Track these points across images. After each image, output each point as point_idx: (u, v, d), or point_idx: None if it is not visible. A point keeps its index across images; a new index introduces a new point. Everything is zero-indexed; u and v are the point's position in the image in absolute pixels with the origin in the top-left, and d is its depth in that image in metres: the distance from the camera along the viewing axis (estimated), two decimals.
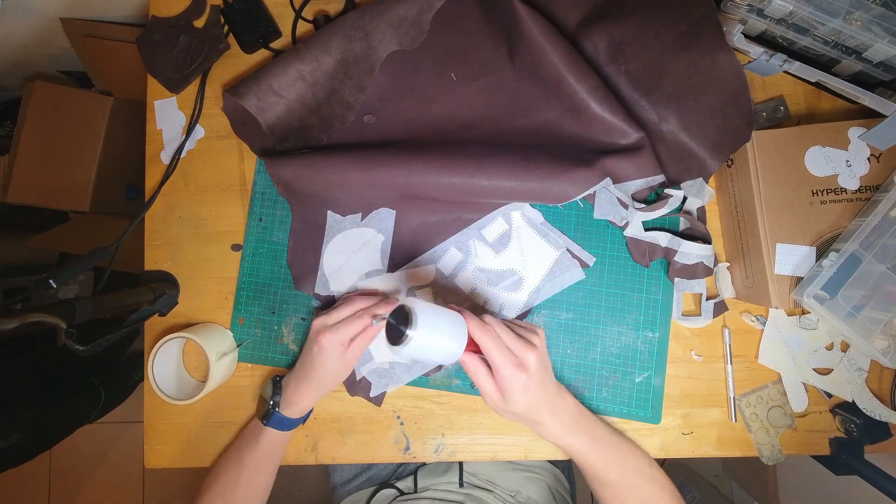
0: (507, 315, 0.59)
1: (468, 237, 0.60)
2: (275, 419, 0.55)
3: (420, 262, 0.60)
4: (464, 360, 0.46)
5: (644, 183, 0.56)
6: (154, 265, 0.63)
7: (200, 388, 0.57)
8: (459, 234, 0.60)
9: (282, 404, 0.55)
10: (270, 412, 0.55)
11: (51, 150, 0.95)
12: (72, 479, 1.42)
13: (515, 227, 0.59)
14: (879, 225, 0.48)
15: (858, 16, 0.47)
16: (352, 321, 0.52)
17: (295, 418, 0.55)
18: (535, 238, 0.59)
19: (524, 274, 0.59)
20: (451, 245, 0.60)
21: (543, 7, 0.57)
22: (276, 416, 0.55)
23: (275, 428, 0.55)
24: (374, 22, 0.58)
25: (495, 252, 0.59)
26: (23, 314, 0.40)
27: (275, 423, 0.55)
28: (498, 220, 0.59)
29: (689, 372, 0.58)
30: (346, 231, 0.60)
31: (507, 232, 0.59)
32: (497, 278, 0.59)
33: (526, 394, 0.45)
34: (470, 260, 0.60)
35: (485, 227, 0.60)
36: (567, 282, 0.59)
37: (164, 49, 0.64)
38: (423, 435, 0.60)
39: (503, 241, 0.59)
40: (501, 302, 0.59)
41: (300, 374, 0.55)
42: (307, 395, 0.54)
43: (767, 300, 0.51)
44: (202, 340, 0.56)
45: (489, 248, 0.59)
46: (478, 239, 0.60)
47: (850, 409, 0.56)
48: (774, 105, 0.58)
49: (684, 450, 0.58)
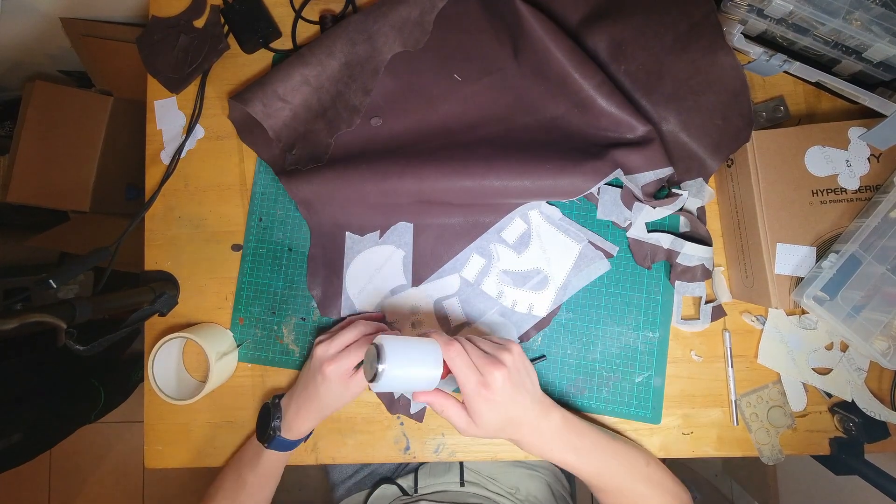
0: (537, 315, 0.58)
1: (488, 241, 0.59)
2: (276, 442, 0.54)
3: (444, 273, 0.60)
4: (428, 401, 0.45)
5: (654, 175, 0.55)
6: (154, 265, 0.63)
7: (200, 387, 0.57)
8: (479, 240, 0.59)
9: (282, 428, 0.54)
10: (272, 436, 0.54)
11: (51, 150, 0.95)
12: (72, 479, 1.42)
13: (534, 225, 0.59)
14: (879, 226, 0.48)
15: (858, 16, 0.47)
16: (355, 349, 0.51)
17: (296, 440, 0.55)
18: (555, 234, 0.59)
19: (549, 271, 0.59)
20: (472, 252, 0.59)
21: (544, 6, 0.57)
22: (278, 439, 0.54)
23: (277, 450, 0.55)
24: (378, 24, 0.58)
25: (517, 253, 0.59)
26: (23, 314, 0.40)
27: (276, 445, 0.55)
28: (516, 221, 0.59)
29: (689, 372, 0.58)
30: (366, 251, 0.60)
31: (527, 231, 0.59)
32: (523, 279, 0.59)
33: (493, 412, 0.44)
34: (493, 264, 0.59)
35: (504, 229, 0.59)
36: (594, 274, 0.58)
37: (164, 49, 0.64)
38: (423, 435, 0.60)
39: (524, 241, 0.59)
40: (531, 302, 0.59)
41: (302, 397, 0.54)
42: (308, 419, 0.54)
43: (767, 300, 0.51)
44: (202, 340, 0.56)
45: (511, 250, 0.59)
46: (498, 242, 0.59)
47: (848, 408, 0.56)
48: (774, 105, 0.58)
49: (684, 450, 0.58)
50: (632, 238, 0.58)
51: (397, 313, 0.60)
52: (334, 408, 0.54)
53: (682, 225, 0.59)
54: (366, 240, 0.60)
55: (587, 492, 0.56)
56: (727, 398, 0.58)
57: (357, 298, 0.60)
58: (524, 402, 0.46)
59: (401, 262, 0.60)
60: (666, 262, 0.58)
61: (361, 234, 0.60)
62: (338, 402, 0.54)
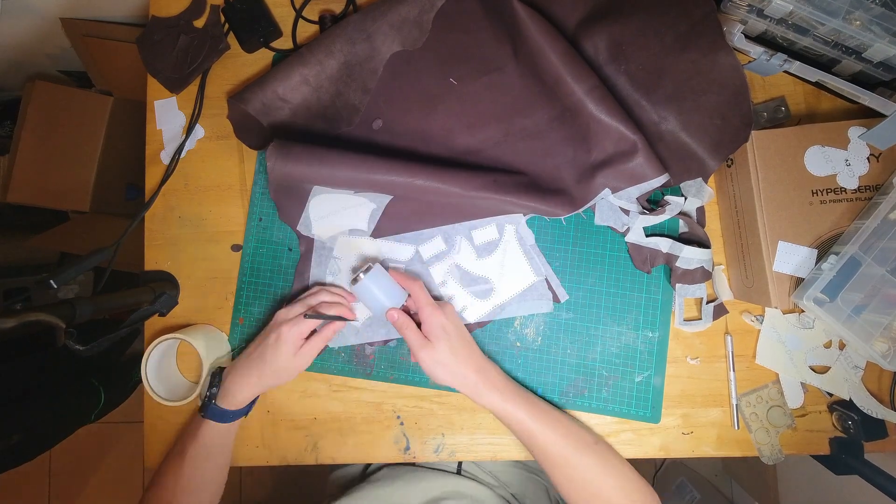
0: (466, 319, 0.59)
1: (456, 232, 0.60)
2: (211, 411, 0.55)
3: (403, 239, 0.60)
4: (391, 317, 0.52)
5: (641, 190, 0.56)
6: (154, 265, 0.63)
7: (193, 389, 0.57)
8: (450, 227, 0.60)
9: (219, 396, 0.55)
10: (206, 404, 0.55)
11: (51, 150, 0.95)
12: (72, 479, 1.42)
13: (505, 239, 0.59)
14: (879, 227, 0.48)
15: (858, 16, 0.47)
16: (314, 321, 0.54)
17: (233, 410, 0.55)
18: (520, 257, 0.59)
19: (497, 287, 0.59)
20: (438, 233, 0.60)
21: (544, 7, 0.57)
22: (212, 407, 0.55)
23: (213, 420, 0.55)
24: (377, 23, 0.58)
25: (478, 256, 0.60)
26: (23, 314, 0.40)
27: (211, 414, 0.55)
28: (490, 227, 0.60)
29: (689, 372, 0.58)
30: (340, 192, 0.61)
31: (496, 241, 0.59)
32: (470, 281, 0.59)
33: (446, 335, 0.51)
34: (451, 254, 0.60)
35: (476, 228, 0.60)
36: (533, 309, 0.59)
37: (164, 49, 0.64)
38: (423, 435, 0.60)
39: (489, 249, 0.60)
40: (465, 304, 0.59)
41: (244, 364, 0.55)
42: (248, 385, 0.54)
43: (767, 300, 0.51)
44: (196, 341, 0.56)
45: (473, 250, 0.60)
46: (465, 237, 0.60)
47: (847, 406, 0.56)
48: (775, 105, 0.58)
49: (684, 450, 0.58)
50: (630, 243, 0.58)
51: (343, 252, 0.61)
52: (277, 377, 0.55)
53: (681, 227, 0.59)
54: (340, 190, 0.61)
55: None
56: (727, 398, 0.58)
57: (316, 222, 0.61)
58: (469, 341, 0.54)
59: (368, 213, 0.61)
60: (665, 265, 0.58)
61: None
62: (282, 370, 0.54)
